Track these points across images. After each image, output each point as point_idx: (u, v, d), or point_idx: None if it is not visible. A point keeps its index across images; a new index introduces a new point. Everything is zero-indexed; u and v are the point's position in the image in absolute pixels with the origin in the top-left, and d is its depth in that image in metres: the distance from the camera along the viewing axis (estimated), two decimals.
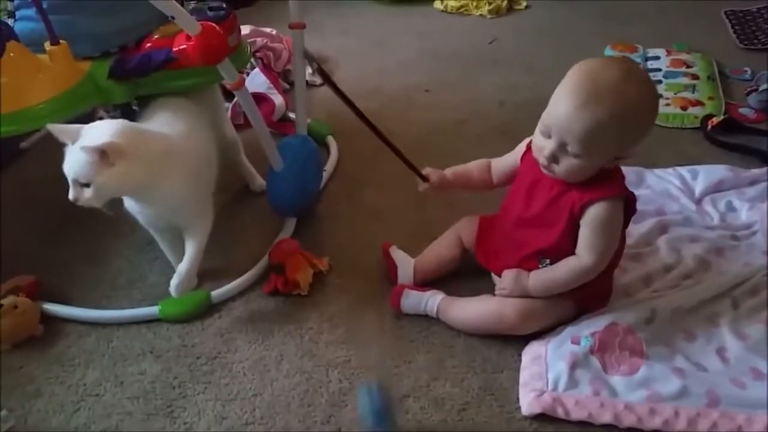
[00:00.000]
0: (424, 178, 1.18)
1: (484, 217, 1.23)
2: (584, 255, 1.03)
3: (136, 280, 1.30)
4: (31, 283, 1.23)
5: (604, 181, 1.01)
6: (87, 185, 1.05)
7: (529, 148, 1.08)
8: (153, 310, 1.20)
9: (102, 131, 1.05)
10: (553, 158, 0.99)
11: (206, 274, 1.27)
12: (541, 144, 1.01)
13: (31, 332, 1.17)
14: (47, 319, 1.20)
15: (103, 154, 1.02)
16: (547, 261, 1.07)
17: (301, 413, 1.03)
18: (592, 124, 0.93)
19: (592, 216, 1.01)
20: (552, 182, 1.04)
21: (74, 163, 1.04)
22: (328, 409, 1.03)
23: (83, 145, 1.02)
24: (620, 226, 1.05)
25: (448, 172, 1.20)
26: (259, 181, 1.49)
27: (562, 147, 0.98)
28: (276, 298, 1.24)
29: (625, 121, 0.94)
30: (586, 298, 1.10)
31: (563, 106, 0.95)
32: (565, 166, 0.99)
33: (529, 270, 1.09)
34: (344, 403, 1.04)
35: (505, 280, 1.10)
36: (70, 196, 1.06)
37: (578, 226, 1.03)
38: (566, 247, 1.05)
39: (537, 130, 1.02)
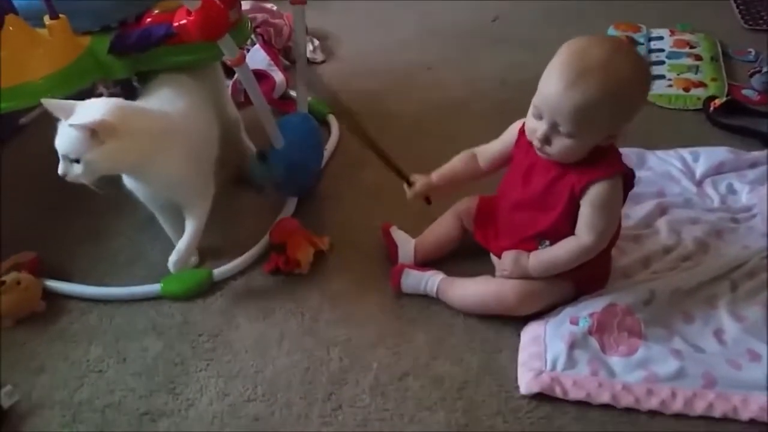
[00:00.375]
0: (410, 183, 1.20)
1: (483, 198, 1.23)
2: (584, 234, 1.03)
3: (137, 258, 1.30)
4: (32, 260, 1.24)
5: (601, 160, 1.01)
6: (77, 161, 1.04)
7: (522, 131, 1.07)
8: (155, 287, 1.21)
9: (95, 109, 1.05)
10: (546, 139, 0.99)
11: (208, 252, 1.28)
12: (534, 126, 1.00)
13: (33, 308, 1.18)
14: (49, 296, 1.21)
15: (93, 132, 1.02)
16: (547, 242, 1.08)
17: (302, 390, 1.04)
18: (582, 102, 0.93)
19: (593, 196, 1.01)
20: (548, 165, 1.04)
21: (64, 138, 1.04)
22: (328, 387, 1.04)
23: (72, 122, 1.01)
24: (620, 205, 1.05)
25: (434, 175, 1.20)
26: None
27: (554, 127, 0.97)
28: (277, 276, 1.24)
29: (615, 98, 0.94)
30: (584, 279, 1.11)
31: (553, 86, 0.95)
32: (559, 146, 0.99)
33: (529, 251, 1.09)
34: (345, 380, 1.05)
35: (505, 261, 1.11)
36: (59, 170, 1.06)
37: (578, 207, 1.03)
38: (565, 228, 1.05)
39: (529, 113, 1.02)
